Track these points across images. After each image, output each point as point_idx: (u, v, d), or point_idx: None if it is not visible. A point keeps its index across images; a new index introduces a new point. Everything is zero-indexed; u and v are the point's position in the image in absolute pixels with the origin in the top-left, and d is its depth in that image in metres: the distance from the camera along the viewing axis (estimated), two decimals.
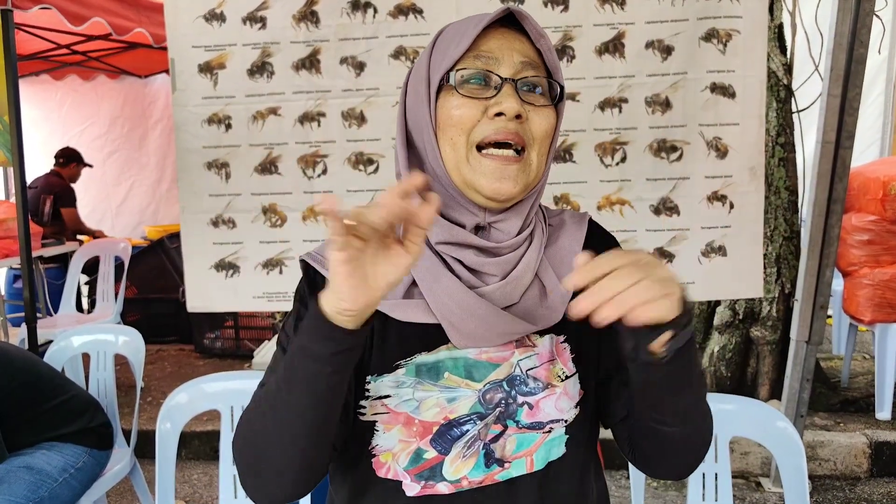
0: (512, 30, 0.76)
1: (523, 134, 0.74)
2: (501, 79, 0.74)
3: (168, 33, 2.00)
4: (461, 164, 0.75)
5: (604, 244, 0.87)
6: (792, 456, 1.32)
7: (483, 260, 0.76)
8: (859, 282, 2.89)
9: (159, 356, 4.13)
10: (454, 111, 0.74)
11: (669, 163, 2.02)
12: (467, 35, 0.74)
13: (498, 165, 0.73)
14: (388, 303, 0.76)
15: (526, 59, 0.75)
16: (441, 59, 0.76)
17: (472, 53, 0.74)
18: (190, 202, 2.07)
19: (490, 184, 0.73)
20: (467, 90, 0.74)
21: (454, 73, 0.74)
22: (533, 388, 0.78)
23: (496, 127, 0.73)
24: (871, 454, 2.62)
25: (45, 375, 1.69)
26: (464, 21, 0.78)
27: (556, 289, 0.79)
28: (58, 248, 3.96)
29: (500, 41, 0.75)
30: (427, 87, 0.76)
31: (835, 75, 2.06)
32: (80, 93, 5.68)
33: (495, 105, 0.73)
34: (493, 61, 0.74)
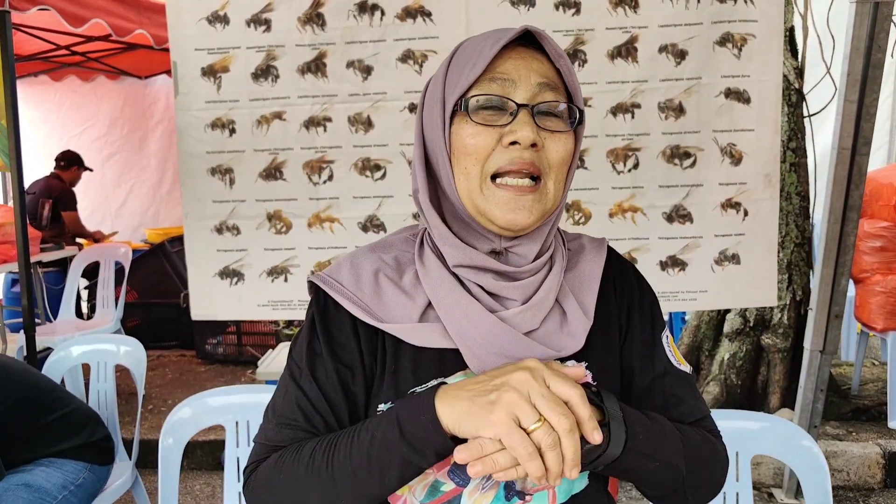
0: (530, 49, 0.73)
1: (539, 163, 0.71)
2: (517, 105, 0.71)
3: (170, 36, 1.96)
4: (474, 194, 0.72)
5: (623, 272, 0.85)
6: (816, 475, 1.29)
7: (503, 284, 0.74)
8: (871, 289, 2.85)
9: (160, 362, 4.09)
10: (468, 140, 0.72)
11: (683, 169, 1.98)
12: (483, 56, 0.71)
13: (512, 196, 0.71)
14: (401, 326, 0.74)
15: (544, 80, 0.72)
16: (456, 80, 0.73)
17: (488, 76, 0.72)
18: (193, 208, 2.03)
19: (504, 215, 0.71)
20: (481, 117, 0.72)
21: (468, 99, 0.72)
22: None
23: (511, 157, 0.70)
24: (884, 464, 2.58)
25: (44, 389, 1.64)
26: (481, 39, 0.74)
27: (577, 315, 0.77)
28: (57, 252, 3.91)
29: (517, 62, 0.72)
30: (442, 111, 0.74)
31: (851, 80, 2.02)
32: (80, 94, 5.63)
33: (510, 133, 0.70)
34: (509, 84, 0.71)
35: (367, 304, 0.75)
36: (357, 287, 0.77)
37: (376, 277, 0.77)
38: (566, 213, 2.00)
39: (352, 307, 0.75)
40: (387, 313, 0.75)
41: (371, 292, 0.76)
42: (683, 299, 2.04)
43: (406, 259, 0.80)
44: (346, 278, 0.78)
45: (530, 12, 1.90)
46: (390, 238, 0.84)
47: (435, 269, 0.76)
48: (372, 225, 2.01)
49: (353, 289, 0.76)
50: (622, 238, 2.00)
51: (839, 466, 2.58)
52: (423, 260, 0.78)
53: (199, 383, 3.70)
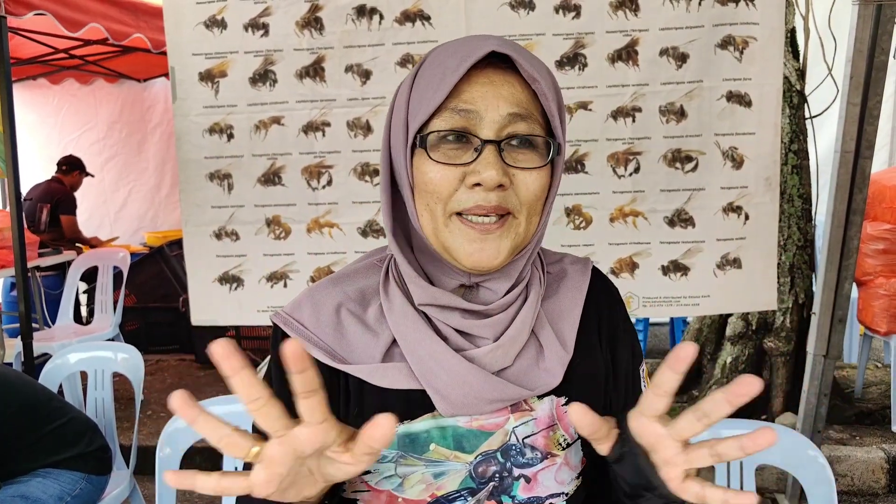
0: (500, 69, 0.65)
1: (507, 202, 0.65)
2: (482, 141, 0.64)
3: (168, 40, 1.95)
4: (439, 231, 0.67)
5: (607, 297, 0.80)
6: (822, 485, 1.27)
7: (472, 322, 0.69)
8: (875, 292, 2.84)
9: (159, 367, 4.07)
10: (428, 176, 0.65)
11: (684, 173, 1.96)
12: (445, 81, 0.64)
13: (477, 235, 0.65)
14: (365, 367, 0.69)
15: (516, 109, 0.64)
16: (418, 105, 0.66)
17: (451, 104, 0.64)
18: (192, 214, 2.02)
19: (469, 255, 0.65)
20: (442, 153, 0.65)
21: (427, 136, 0.65)
22: (530, 459, 0.70)
23: (476, 200, 0.64)
24: (888, 469, 2.57)
25: (41, 399, 1.63)
26: (447, 54, 0.66)
27: (555, 348, 0.72)
28: (55, 257, 3.90)
29: (484, 88, 0.64)
30: (405, 137, 0.67)
31: (854, 83, 2.00)
32: (78, 97, 5.62)
33: (474, 174, 0.64)
34: (472, 116, 0.64)
35: (329, 343, 0.70)
36: (317, 326, 0.71)
37: (338, 313, 0.72)
38: (566, 218, 1.99)
39: (310, 348, 0.69)
40: (349, 352, 0.70)
41: (332, 330, 0.71)
42: (686, 304, 2.03)
43: (371, 290, 0.74)
44: (306, 317, 0.72)
45: (530, 16, 1.88)
46: (355, 267, 0.78)
47: (399, 304, 0.70)
48: (371, 230, 2.00)
49: (314, 328, 0.71)
50: (623, 243, 1.98)
51: (843, 471, 2.57)
52: (388, 293, 0.72)
53: (198, 388, 3.69)
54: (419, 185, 0.67)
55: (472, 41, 0.66)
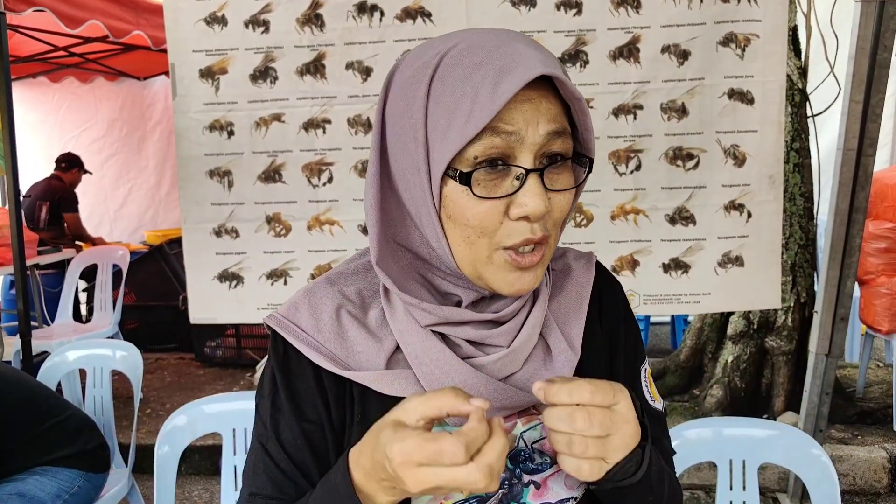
0: (536, 85, 0.59)
1: (546, 228, 0.63)
2: (525, 171, 0.60)
3: (168, 37, 1.94)
4: (479, 263, 0.63)
5: (610, 294, 0.79)
6: (826, 485, 1.26)
7: (485, 333, 0.67)
8: (877, 290, 2.83)
9: (159, 365, 4.06)
10: (469, 212, 0.60)
11: (686, 171, 1.96)
12: (482, 108, 0.57)
13: (522, 269, 0.63)
14: (369, 374, 0.66)
15: (554, 126, 0.60)
16: (445, 126, 0.58)
17: (490, 125, 0.58)
18: (192, 211, 2.01)
19: (512, 284, 0.63)
20: (483, 185, 0.60)
21: (471, 171, 0.59)
22: (540, 465, 0.68)
23: (523, 234, 0.61)
24: (891, 469, 2.56)
25: (38, 396, 1.62)
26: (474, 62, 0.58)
27: (563, 350, 0.70)
28: (54, 255, 3.89)
29: (524, 108, 0.59)
30: (426, 160, 0.60)
31: (857, 81, 1.99)
32: (78, 95, 5.61)
33: (519, 207, 0.60)
34: (514, 139, 0.59)
35: (330, 349, 0.67)
36: (317, 330, 0.68)
37: (338, 316, 0.69)
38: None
39: (313, 354, 0.67)
40: (352, 358, 0.67)
41: (333, 335, 0.68)
42: (687, 302, 2.02)
43: (370, 292, 0.71)
44: (304, 320, 0.69)
45: (531, 13, 1.87)
46: (353, 266, 0.74)
47: (402, 309, 0.67)
48: None
49: (313, 332, 0.68)
50: (624, 240, 1.98)
51: (845, 471, 2.56)
52: (390, 296, 0.69)
53: (197, 386, 3.68)
54: (455, 216, 0.62)
55: (503, 52, 0.59)
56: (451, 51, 0.60)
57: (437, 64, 0.60)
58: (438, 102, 0.59)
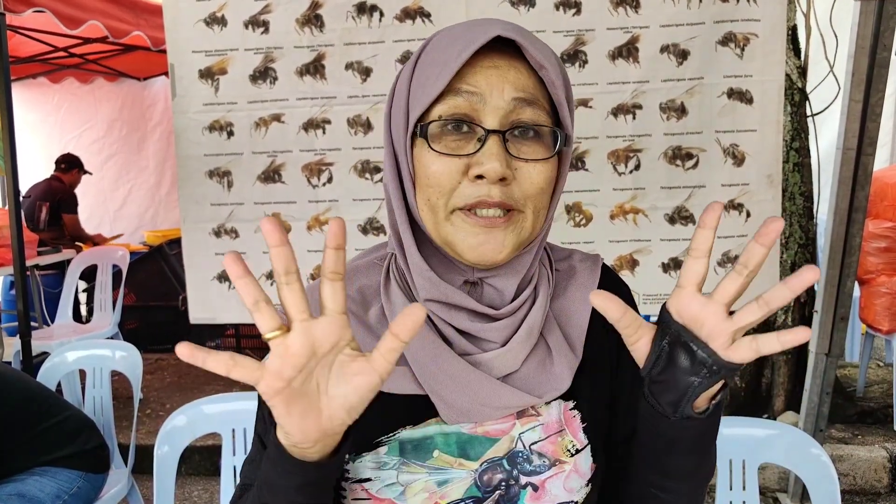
0: (507, 54, 0.62)
1: (509, 198, 0.62)
2: (486, 131, 0.61)
3: (167, 38, 1.94)
4: (440, 226, 0.64)
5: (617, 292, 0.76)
6: (826, 484, 1.26)
7: (479, 325, 0.66)
8: (877, 290, 2.82)
9: (158, 365, 4.06)
10: (430, 169, 0.62)
11: (685, 170, 1.96)
12: (448, 66, 0.60)
13: (481, 229, 0.62)
14: None
15: (521, 94, 0.62)
16: (419, 91, 0.63)
17: (453, 87, 0.61)
18: (191, 211, 2.02)
19: (473, 248, 0.63)
20: (444, 144, 0.62)
21: (428, 124, 0.62)
22: (538, 466, 0.67)
23: (479, 194, 0.61)
24: (891, 468, 2.56)
25: (38, 397, 1.62)
26: (451, 38, 0.63)
27: (564, 351, 0.69)
28: (54, 256, 3.89)
29: (488, 72, 0.61)
30: (405, 126, 0.64)
31: (857, 80, 1.99)
32: (78, 96, 5.61)
33: (477, 166, 0.61)
34: (477, 100, 0.61)
35: None
36: None
37: None
38: (567, 215, 1.98)
39: None
40: None
41: None
42: None
43: (371, 290, 0.71)
44: None
45: (530, 12, 1.88)
46: (355, 264, 0.75)
47: (401, 305, 0.68)
48: (372, 227, 1.99)
49: None
50: (624, 240, 1.98)
51: (845, 471, 2.56)
52: (389, 294, 0.69)
53: (197, 386, 3.68)
54: (420, 177, 0.64)
55: (476, 25, 0.63)
56: (437, 35, 0.66)
57: (424, 46, 0.66)
58: (418, 73, 0.64)
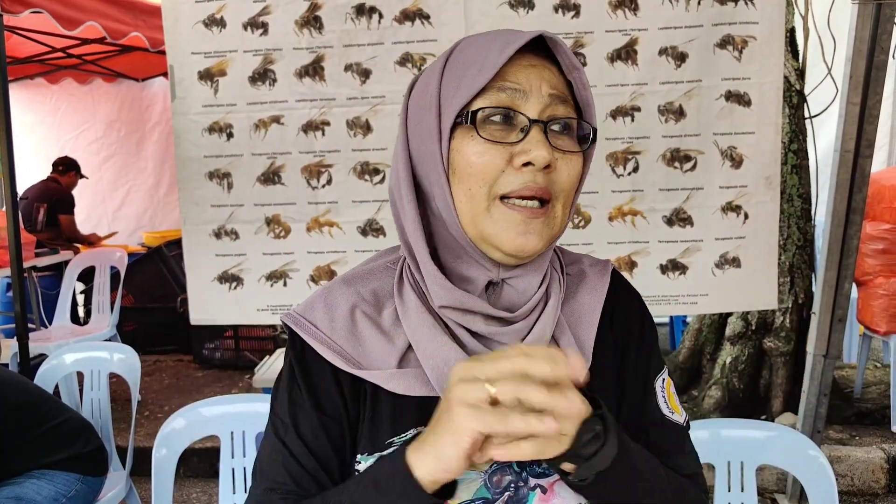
0: (540, 56, 0.66)
1: (551, 186, 0.65)
2: (530, 120, 0.63)
3: (167, 39, 1.94)
4: (479, 217, 0.65)
5: (627, 300, 0.78)
6: (823, 485, 1.26)
7: (494, 329, 0.67)
8: (874, 291, 2.83)
9: (157, 367, 4.05)
10: (474, 158, 0.64)
11: (683, 173, 1.96)
12: (490, 62, 0.63)
13: (523, 219, 0.64)
14: (380, 373, 0.67)
15: (555, 91, 0.65)
16: (455, 87, 0.65)
17: (496, 84, 0.64)
18: (191, 213, 2.02)
19: (513, 239, 0.64)
20: (489, 132, 0.64)
21: (474, 112, 0.64)
22: (546, 469, 0.68)
23: (524, 180, 0.63)
24: (888, 469, 2.57)
25: (36, 399, 1.62)
26: (485, 40, 0.66)
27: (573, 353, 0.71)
28: (52, 257, 3.88)
29: (527, 70, 0.64)
30: (437, 121, 0.65)
31: (854, 82, 2.00)
32: (76, 96, 5.60)
33: (522, 153, 0.63)
34: (519, 95, 0.64)
35: (343, 347, 0.69)
36: (331, 328, 0.70)
37: (352, 316, 0.70)
38: None
39: (326, 352, 0.68)
40: (364, 357, 0.68)
41: (346, 333, 0.69)
42: (684, 303, 2.03)
43: (385, 292, 0.73)
44: (319, 318, 0.70)
45: (529, 14, 1.88)
46: (369, 267, 0.76)
47: (414, 308, 0.69)
48: (371, 229, 1.99)
49: (328, 330, 0.69)
50: (622, 242, 1.98)
51: (843, 472, 2.56)
52: (403, 296, 0.70)
53: (196, 388, 3.67)
54: (460, 169, 0.65)
55: (509, 31, 0.66)
56: (465, 39, 0.69)
57: (452, 49, 0.69)
58: (451, 71, 0.66)
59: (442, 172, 0.66)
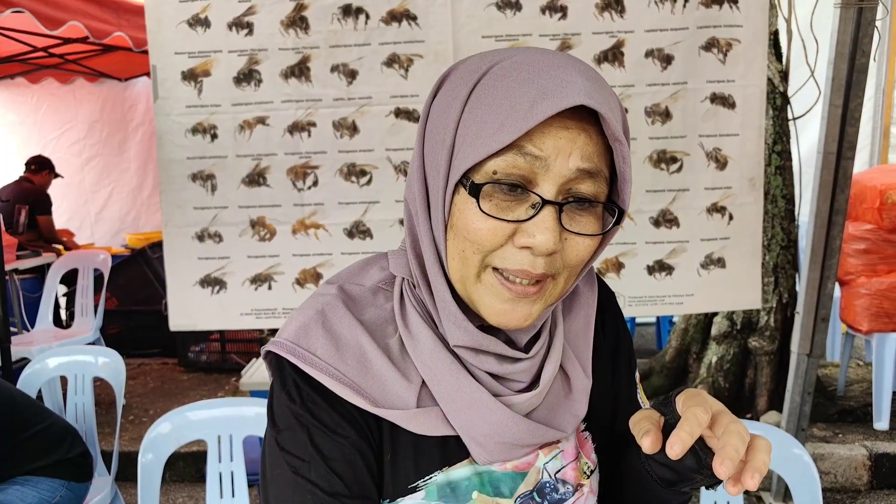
0: (578, 116, 0.56)
1: (551, 269, 0.58)
2: (543, 200, 0.56)
3: (150, 39, 1.92)
4: (468, 282, 0.60)
5: (610, 303, 0.79)
6: (807, 483, 1.28)
7: (508, 368, 0.64)
8: (856, 291, 2.87)
9: (142, 371, 4.01)
10: (472, 225, 0.57)
11: (669, 174, 1.98)
12: (513, 123, 0.54)
13: (511, 296, 0.59)
14: (399, 413, 0.62)
15: (586, 165, 0.56)
16: (473, 135, 0.56)
17: (516, 143, 0.55)
18: (173, 215, 1.99)
19: (498, 314, 0.59)
20: (494, 203, 0.57)
21: (481, 184, 0.56)
22: (564, 494, 0.68)
23: (522, 262, 0.57)
24: (871, 466, 2.60)
25: (18, 405, 1.59)
26: (522, 78, 0.56)
27: (580, 378, 0.69)
28: (34, 259, 3.83)
29: (558, 135, 0.55)
30: (448, 165, 0.58)
31: (836, 85, 2.03)
32: (58, 96, 5.53)
33: (525, 235, 0.56)
34: (539, 164, 0.55)
35: (354, 380, 0.62)
36: (339, 359, 0.62)
37: (360, 345, 0.63)
38: None
39: (336, 386, 0.61)
40: (379, 392, 0.62)
41: (356, 364, 0.62)
42: (670, 303, 2.04)
43: (383, 319, 0.66)
44: (321, 347, 0.62)
45: (516, 16, 1.88)
46: (358, 291, 0.68)
47: (428, 343, 0.63)
48: (358, 231, 1.98)
49: (334, 361, 0.62)
50: (610, 243, 1.99)
51: (826, 469, 2.60)
52: (409, 326, 0.64)
53: (181, 392, 3.64)
54: (458, 227, 0.59)
55: (550, 73, 0.56)
56: (502, 62, 0.58)
57: (485, 72, 0.59)
58: (474, 111, 0.57)
59: (442, 222, 0.60)
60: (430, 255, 0.63)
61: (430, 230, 0.62)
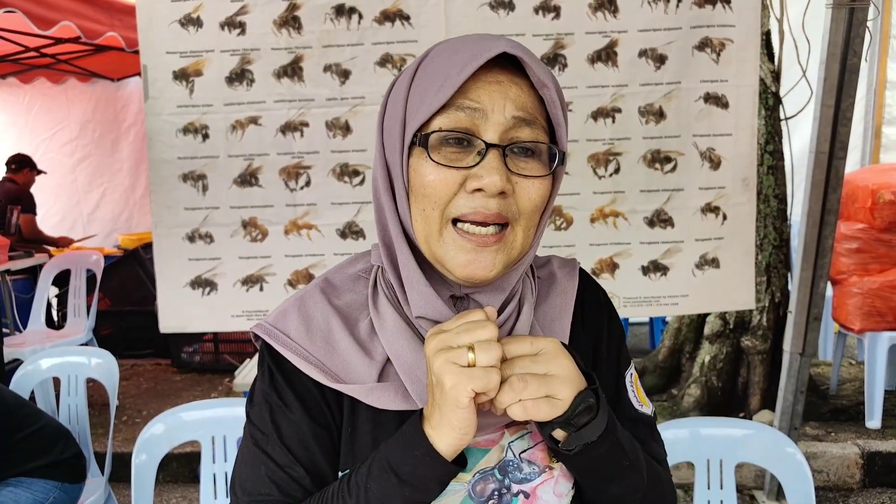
0: (508, 70, 0.63)
1: (506, 211, 0.63)
2: (486, 144, 0.61)
3: (140, 38, 1.91)
4: (432, 239, 0.64)
5: (595, 298, 0.80)
6: (800, 481, 1.29)
7: None
8: (848, 290, 2.88)
9: (135, 371, 3.99)
10: (427, 179, 0.63)
11: (663, 174, 1.98)
12: (450, 79, 0.61)
13: (472, 246, 0.63)
14: (359, 387, 0.66)
15: (521, 112, 0.63)
16: (418, 103, 0.63)
17: (455, 101, 0.62)
18: (164, 216, 1.98)
19: (463, 266, 0.63)
20: (443, 155, 0.62)
21: (429, 134, 0.62)
22: (528, 474, 0.69)
23: (475, 205, 0.62)
24: (863, 464, 2.61)
25: (11, 406, 1.58)
26: (452, 51, 0.64)
27: None
28: (26, 260, 3.81)
29: (491, 87, 0.62)
30: (401, 136, 0.65)
31: (828, 85, 2.03)
32: (50, 96, 5.50)
33: (475, 178, 0.61)
34: (478, 115, 0.62)
35: (320, 359, 0.67)
36: (308, 339, 0.68)
37: (329, 327, 0.69)
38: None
39: (302, 364, 0.67)
40: (343, 370, 0.67)
41: (323, 345, 0.68)
42: (665, 304, 2.04)
43: (358, 304, 0.71)
44: (294, 329, 0.69)
45: (510, 16, 1.88)
46: (339, 278, 0.74)
47: (392, 321, 0.68)
48: (351, 232, 1.98)
49: (304, 341, 0.68)
50: (604, 243, 1.99)
51: (819, 467, 2.61)
52: (378, 308, 0.69)
53: (174, 393, 3.62)
54: (416, 188, 0.64)
55: (479, 40, 0.63)
56: (438, 45, 0.67)
57: (424, 56, 0.67)
58: (418, 85, 0.65)
59: (403, 189, 0.65)
60: (395, 232, 0.67)
61: (395, 207, 0.67)
